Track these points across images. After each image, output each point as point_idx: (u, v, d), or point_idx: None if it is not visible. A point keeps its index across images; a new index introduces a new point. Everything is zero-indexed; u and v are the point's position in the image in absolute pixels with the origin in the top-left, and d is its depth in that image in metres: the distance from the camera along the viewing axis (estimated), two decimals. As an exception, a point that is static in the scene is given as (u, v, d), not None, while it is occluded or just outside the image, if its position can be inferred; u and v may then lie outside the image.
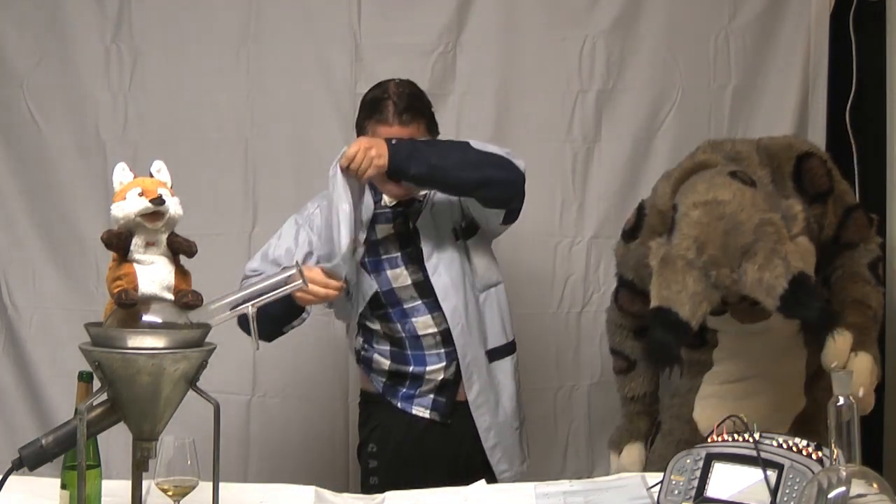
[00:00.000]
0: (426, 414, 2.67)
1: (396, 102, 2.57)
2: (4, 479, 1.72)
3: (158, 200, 1.76)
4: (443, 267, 2.63)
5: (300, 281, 1.96)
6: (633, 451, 2.77)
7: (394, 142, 2.46)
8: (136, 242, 1.78)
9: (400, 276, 2.64)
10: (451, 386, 2.67)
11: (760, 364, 2.58)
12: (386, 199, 2.67)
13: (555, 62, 3.24)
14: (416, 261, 2.65)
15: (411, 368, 2.66)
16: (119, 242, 1.78)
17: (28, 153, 3.22)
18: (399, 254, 2.65)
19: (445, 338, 2.65)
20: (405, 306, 2.65)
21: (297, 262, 2.41)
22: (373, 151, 2.41)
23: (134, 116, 3.21)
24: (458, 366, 2.65)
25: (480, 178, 2.51)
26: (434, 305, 2.64)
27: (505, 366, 2.72)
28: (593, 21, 3.24)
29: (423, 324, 2.65)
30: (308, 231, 2.67)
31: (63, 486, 1.92)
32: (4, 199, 3.23)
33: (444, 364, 2.65)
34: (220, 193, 3.20)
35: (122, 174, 1.82)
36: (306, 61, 3.21)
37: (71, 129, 3.22)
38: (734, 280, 2.19)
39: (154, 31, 3.21)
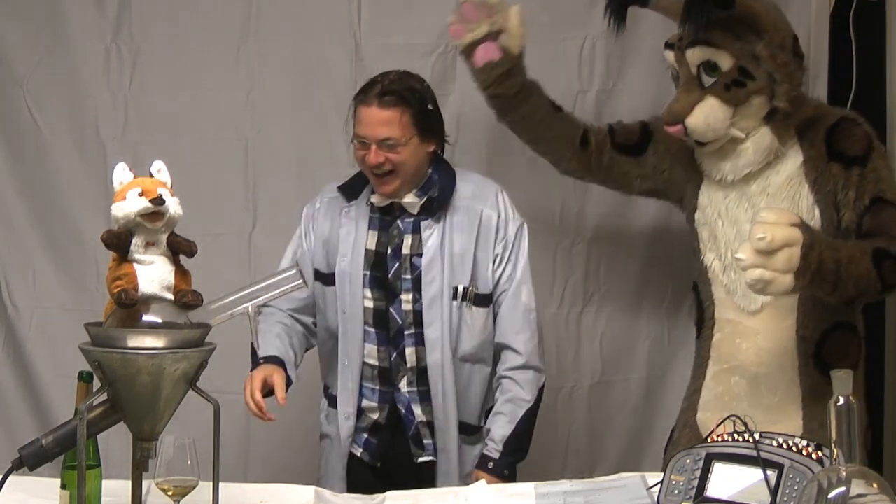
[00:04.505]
0: (358, 452, 2.64)
1: (383, 85, 2.54)
2: (4, 479, 1.73)
3: (158, 200, 1.77)
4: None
5: (300, 281, 1.96)
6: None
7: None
8: (136, 242, 1.78)
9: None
10: (385, 430, 2.61)
11: (750, 369, 2.58)
12: (374, 199, 2.59)
13: (555, 62, 3.23)
14: (380, 287, 2.56)
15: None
16: (119, 242, 1.78)
17: (28, 153, 3.21)
18: (368, 273, 2.57)
19: (383, 375, 2.59)
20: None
21: (296, 263, 2.42)
22: None
23: (134, 116, 3.21)
24: (391, 410, 2.59)
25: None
26: (384, 338, 2.57)
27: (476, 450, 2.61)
28: (593, 21, 3.23)
29: (368, 352, 2.58)
30: (306, 238, 2.65)
31: (63, 486, 1.92)
32: (4, 199, 3.22)
33: (376, 404, 2.59)
34: (220, 193, 3.19)
35: (122, 174, 1.83)
36: (306, 61, 3.21)
37: (71, 129, 3.21)
38: None
39: (154, 31, 3.21)
